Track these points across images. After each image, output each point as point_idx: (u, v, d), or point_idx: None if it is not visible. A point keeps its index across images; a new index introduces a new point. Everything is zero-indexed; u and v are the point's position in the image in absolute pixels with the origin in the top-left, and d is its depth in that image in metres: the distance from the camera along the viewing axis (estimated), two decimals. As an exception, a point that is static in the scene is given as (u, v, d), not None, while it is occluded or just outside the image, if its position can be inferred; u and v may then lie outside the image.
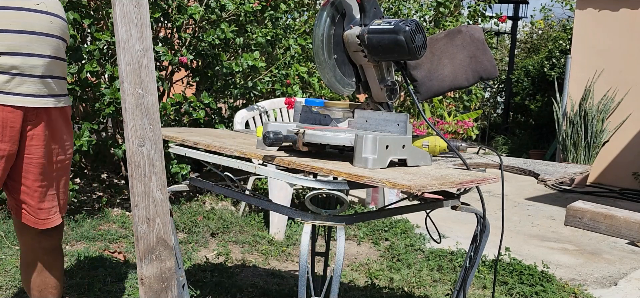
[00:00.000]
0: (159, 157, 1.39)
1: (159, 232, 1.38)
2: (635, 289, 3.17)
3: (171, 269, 1.40)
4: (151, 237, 1.36)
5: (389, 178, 1.27)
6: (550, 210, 5.35)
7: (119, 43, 1.35)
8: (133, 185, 1.34)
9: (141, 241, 1.35)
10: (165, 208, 1.39)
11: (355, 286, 2.92)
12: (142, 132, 1.36)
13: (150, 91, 1.39)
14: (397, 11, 5.91)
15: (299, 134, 1.47)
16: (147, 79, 1.39)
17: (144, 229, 1.35)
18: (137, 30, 1.37)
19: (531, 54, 12.81)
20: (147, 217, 1.36)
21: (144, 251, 1.36)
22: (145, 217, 1.35)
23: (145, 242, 1.36)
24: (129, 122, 1.35)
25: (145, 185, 1.36)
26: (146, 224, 1.36)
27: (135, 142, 1.35)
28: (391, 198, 4.40)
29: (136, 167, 1.35)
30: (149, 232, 1.36)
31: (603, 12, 7.08)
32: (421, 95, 1.75)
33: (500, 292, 2.97)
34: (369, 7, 1.61)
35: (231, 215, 3.91)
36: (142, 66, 1.38)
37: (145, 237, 1.36)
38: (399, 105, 6.07)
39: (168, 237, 1.39)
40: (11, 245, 3.05)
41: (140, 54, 1.38)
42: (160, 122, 1.39)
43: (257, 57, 4.08)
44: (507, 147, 10.09)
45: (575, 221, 1.17)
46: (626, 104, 6.86)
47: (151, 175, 1.37)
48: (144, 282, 1.36)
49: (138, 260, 1.35)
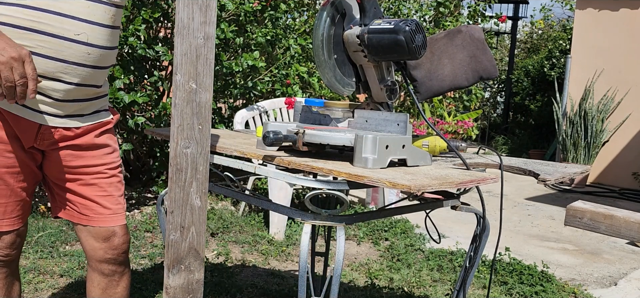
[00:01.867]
0: (203, 161, 1.27)
1: (191, 242, 1.28)
2: (635, 289, 3.17)
3: (199, 281, 1.30)
4: (183, 247, 1.27)
5: (389, 178, 1.27)
6: (550, 210, 5.35)
7: (178, 27, 1.20)
8: (171, 189, 1.24)
9: (171, 250, 1.26)
10: (203, 217, 1.29)
11: (355, 286, 2.92)
12: (190, 132, 1.23)
13: (205, 87, 1.24)
14: (397, 11, 5.91)
15: (299, 134, 1.47)
16: (203, 72, 1.23)
17: (176, 237, 1.25)
18: (200, 13, 1.21)
19: (531, 54, 12.80)
20: (182, 226, 1.26)
21: (173, 260, 1.26)
22: (179, 225, 1.25)
23: (175, 251, 1.26)
24: (177, 119, 1.22)
25: (184, 191, 1.25)
26: (179, 232, 1.26)
27: (180, 143, 1.23)
28: (391, 198, 4.39)
29: (177, 170, 1.24)
30: (181, 241, 1.26)
31: (603, 12, 7.08)
32: (421, 95, 1.75)
33: (500, 292, 2.97)
34: (369, 7, 1.61)
35: (231, 215, 3.91)
36: (200, 57, 1.23)
37: (176, 246, 1.26)
38: (399, 105, 6.07)
39: (201, 247, 1.30)
40: (11, 245, 3.05)
41: (200, 43, 1.22)
42: (210, 123, 1.27)
43: (257, 57, 4.08)
44: (507, 147, 10.09)
45: (575, 221, 1.17)
46: (626, 104, 6.86)
47: (192, 181, 1.26)
48: (169, 292, 1.27)
49: (166, 269, 1.27)
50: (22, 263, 2.86)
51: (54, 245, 3.12)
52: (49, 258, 2.95)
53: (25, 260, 2.90)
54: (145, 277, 2.80)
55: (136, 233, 3.44)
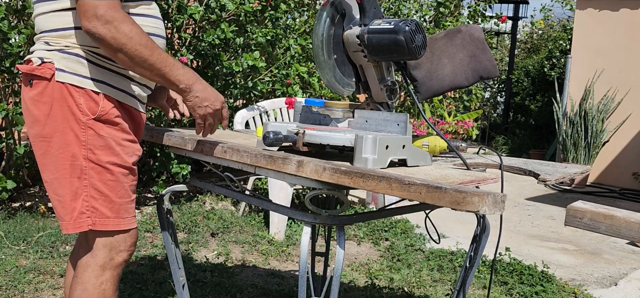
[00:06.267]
0: None
1: None
2: (635, 289, 3.17)
3: None
4: None
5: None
6: (550, 210, 5.35)
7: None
8: None
9: None
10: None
11: (355, 286, 2.92)
12: None
13: None
14: (397, 11, 5.91)
15: (299, 134, 1.47)
16: None
17: None
18: None
19: (531, 54, 12.80)
20: None
21: None
22: None
23: None
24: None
25: None
26: None
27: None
28: (391, 198, 4.40)
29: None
30: None
31: (603, 12, 7.08)
32: (421, 95, 1.75)
33: (500, 292, 2.97)
34: (369, 7, 1.61)
35: (231, 215, 3.91)
36: None
37: None
38: (399, 105, 6.07)
39: None
40: (11, 245, 3.05)
41: None
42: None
43: (257, 57, 4.08)
44: (507, 147, 10.09)
45: (575, 221, 1.17)
46: (626, 104, 6.86)
47: None
48: None
49: None
50: (22, 263, 2.86)
51: (54, 245, 3.12)
52: (49, 258, 2.95)
53: (25, 260, 2.90)
54: (146, 277, 2.80)
55: (136, 234, 3.43)
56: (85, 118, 1.46)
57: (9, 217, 3.50)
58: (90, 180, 1.48)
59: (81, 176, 1.48)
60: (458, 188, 1.14)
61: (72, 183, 1.48)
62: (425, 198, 1.16)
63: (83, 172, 1.48)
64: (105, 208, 1.49)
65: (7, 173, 3.67)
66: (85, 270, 1.53)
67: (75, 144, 1.46)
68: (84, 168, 1.47)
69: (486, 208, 1.11)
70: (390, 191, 1.21)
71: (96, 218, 1.49)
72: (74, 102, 1.45)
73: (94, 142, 1.47)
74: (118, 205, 1.51)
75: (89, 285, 1.52)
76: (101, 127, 1.47)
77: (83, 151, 1.47)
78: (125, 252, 1.56)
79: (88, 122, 1.46)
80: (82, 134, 1.46)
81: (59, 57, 1.45)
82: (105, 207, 1.49)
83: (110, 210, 1.50)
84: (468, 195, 1.11)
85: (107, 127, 1.48)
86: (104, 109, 1.47)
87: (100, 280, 1.52)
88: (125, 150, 1.52)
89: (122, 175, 1.52)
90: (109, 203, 1.50)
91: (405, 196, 1.20)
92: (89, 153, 1.47)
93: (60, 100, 1.45)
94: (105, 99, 1.48)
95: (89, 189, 1.48)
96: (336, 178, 1.30)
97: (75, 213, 1.48)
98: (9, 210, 3.63)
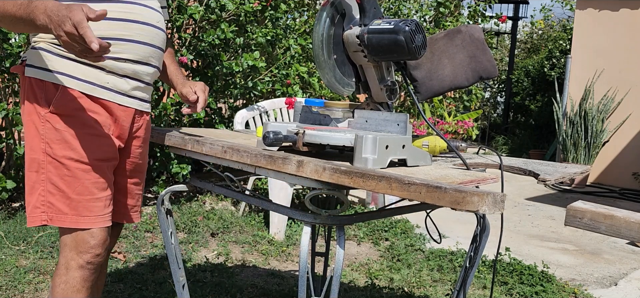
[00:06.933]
0: None
1: None
2: (635, 289, 3.17)
3: None
4: None
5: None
6: (550, 210, 5.35)
7: None
8: None
9: None
10: None
11: (355, 286, 2.92)
12: None
13: None
14: (397, 11, 5.91)
15: (299, 134, 1.47)
16: None
17: None
18: None
19: (531, 54, 12.80)
20: None
21: None
22: None
23: None
24: None
25: None
26: None
27: None
28: (391, 198, 4.40)
29: None
30: None
31: (603, 12, 7.08)
32: (421, 95, 1.75)
33: (500, 292, 2.97)
34: (369, 7, 1.61)
35: (231, 215, 3.91)
36: None
37: None
38: (399, 105, 6.07)
39: None
40: (11, 245, 3.05)
41: None
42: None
43: (257, 57, 4.08)
44: (507, 147, 10.09)
45: (575, 221, 1.17)
46: (626, 104, 6.86)
47: None
48: None
49: None
50: (22, 263, 2.86)
51: (54, 245, 3.12)
52: (49, 258, 2.95)
53: (25, 260, 2.90)
54: (146, 277, 2.80)
55: (136, 233, 3.43)
56: (44, 111, 1.45)
57: (9, 217, 3.50)
58: (47, 175, 1.46)
59: (39, 170, 1.47)
60: (458, 188, 1.14)
61: (30, 177, 1.48)
62: (425, 198, 1.16)
63: (41, 166, 1.46)
64: (62, 204, 1.46)
65: (7, 173, 3.67)
66: (55, 269, 1.54)
67: (35, 137, 1.46)
68: (41, 162, 1.46)
69: (486, 208, 1.11)
70: (390, 191, 1.21)
71: (53, 214, 1.46)
72: (36, 96, 1.46)
73: (50, 135, 1.45)
74: (76, 202, 1.46)
75: (53, 283, 1.52)
76: (57, 120, 1.45)
77: (41, 145, 1.46)
78: (88, 254, 1.49)
79: (46, 115, 1.45)
80: (41, 127, 1.46)
81: (30, 54, 1.48)
82: (61, 203, 1.46)
83: (68, 206, 1.46)
84: (468, 195, 1.11)
85: (64, 120, 1.45)
86: (60, 101, 1.45)
87: (63, 279, 1.49)
88: (87, 145, 1.47)
89: (81, 171, 1.47)
90: (66, 200, 1.46)
91: (405, 196, 1.20)
92: (46, 147, 1.45)
93: (28, 95, 1.48)
94: (65, 91, 1.45)
95: (46, 184, 1.46)
96: (336, 178, 1.30)
97: (30, 207, 1.47)
98: (9, 210, 3.63)
